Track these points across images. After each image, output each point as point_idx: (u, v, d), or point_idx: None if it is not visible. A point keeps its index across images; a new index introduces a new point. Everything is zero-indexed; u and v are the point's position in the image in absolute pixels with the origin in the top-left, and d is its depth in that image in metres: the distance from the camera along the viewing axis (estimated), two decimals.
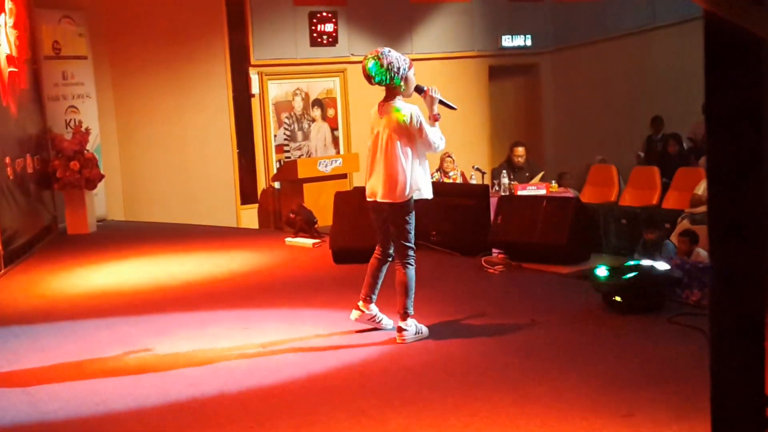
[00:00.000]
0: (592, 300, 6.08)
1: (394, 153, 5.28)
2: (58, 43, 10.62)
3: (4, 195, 8.40)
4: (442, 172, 11.29)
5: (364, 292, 5.57)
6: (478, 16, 14.77)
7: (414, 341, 5.39)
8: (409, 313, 5.42)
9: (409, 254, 5.39)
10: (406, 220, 5.34)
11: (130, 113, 11.66)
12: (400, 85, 5.33)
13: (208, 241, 9.64)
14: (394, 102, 5.35)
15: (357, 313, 5.60)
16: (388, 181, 5.30)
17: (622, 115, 14.15)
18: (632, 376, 4.58)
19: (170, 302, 6.86)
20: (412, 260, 5.40)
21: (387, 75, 5.26)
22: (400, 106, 5.33)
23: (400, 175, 5.28)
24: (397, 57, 5.30)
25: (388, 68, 5.24)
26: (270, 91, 12.90)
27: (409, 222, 5.36)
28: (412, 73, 5.39)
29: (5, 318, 6.60)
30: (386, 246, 5.52)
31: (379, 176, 5.35)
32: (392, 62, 5.25)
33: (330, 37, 13.25)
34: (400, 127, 5.29)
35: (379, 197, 5.35)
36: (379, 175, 5.36)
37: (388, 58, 5.24)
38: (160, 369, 5.11)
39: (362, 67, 5.33)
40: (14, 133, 8.97)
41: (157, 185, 11.75)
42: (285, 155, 13.05)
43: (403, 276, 5.38)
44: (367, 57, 5.31)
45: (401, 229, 5.35)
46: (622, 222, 11.54)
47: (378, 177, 5.36)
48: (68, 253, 9.23)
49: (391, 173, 5.29)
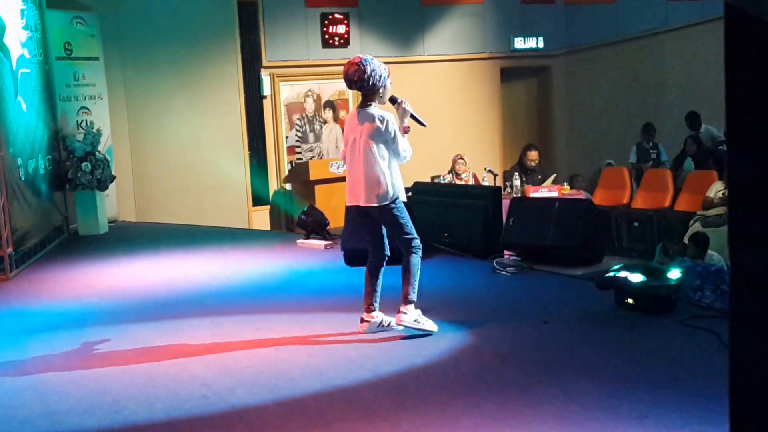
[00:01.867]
0: (604, 302, 6.06)
1: (373, 158, 5.42)
2: (69, 44, 10.64)
3: (16, 196, 8.41)
4: (454, 174, 11.27)
5: (366, 303, 5.61)
6: (490, 17, 14.74)
7: (412, 327, 5.50)
8: (411, 299, 5.52)
9: (413, 244, 5.52)
10: (397, 216, 5.48)
11: (142, 114, 11.68)
12: (378, 92, 5.48)
13: (220, 242, 9.64)
14: (370, 109, 5.50)
15: (363, 325, 5.62)
16: (372, 186, 5.42)
17: (635, 118, 14.09)
18: (645, 378, 4.55)
19: (182, 303, 6.85)
20: (417, 249, 5.53)
21: (368, 82, 5.41)
22: (376, 112, 5.47)
23: (382, 178, 5.42)
24: (379, 65, 5.46)
25: (371, 75, 5.39)
26: (282, 93, 12.90)
27: (402, 217, 5.50)
28: (389, 82, 5.54)
29: (17, 318, 6.60)
30: (379, 246, 5.62)
31: (360, 181, 5.47)
32: (375, 69, 5.42)
33: (342, 39, 13.25)
34: (377, 132, 5.42)
35: (363, 202, 5.47)
36: (359, 180, 5.47)
37: (371, 65, 5.41)
38: (172, 370, 5.09)
39: (344, 72, 5.48)
40: (26, 135, 8.99)
41: (168, 186, 11.76)
42: (297, 156, 13.05)
43: (407, 263, 5.51)
44: (349, 63, 5.47)
45: (397, 225, 5.50)
46: (635, 224, 11.49)
47: (358, 182, 5.48)
48: (80, 253, 9.24)
49: (373, 177, 5.42)
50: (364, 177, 5.43)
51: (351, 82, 5.47)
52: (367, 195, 5.43)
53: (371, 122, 5.44)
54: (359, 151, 5.46)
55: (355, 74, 5.40)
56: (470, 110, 14.51)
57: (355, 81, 5.43)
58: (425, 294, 6.14)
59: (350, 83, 5.49)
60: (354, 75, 5.41)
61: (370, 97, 5.51)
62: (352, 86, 5.50)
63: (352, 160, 5.52)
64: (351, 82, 5.46)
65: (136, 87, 11.61)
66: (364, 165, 5.43)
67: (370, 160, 5.42)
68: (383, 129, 5.41)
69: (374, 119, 5.44)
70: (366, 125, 5.46)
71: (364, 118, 5.48)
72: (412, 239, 5.52)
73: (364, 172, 5.43)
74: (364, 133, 5.45)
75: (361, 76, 5.40)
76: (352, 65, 5.43)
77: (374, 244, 5.64)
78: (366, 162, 5.43)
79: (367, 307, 5.61)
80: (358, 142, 5.48)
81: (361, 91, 5.51)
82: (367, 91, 5.48)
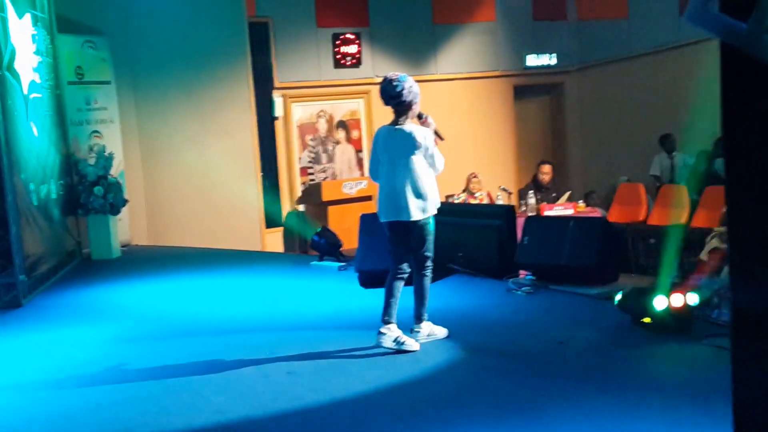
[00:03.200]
0: (620, 321, 6.00)
1: (417, 172, 5.61)
2: (81, 69, 10.65)
3: (28, 222, 8.39)
4: (468, 193, 11.21)
5: (385, 315, 5.69)
6: (502, 35, 14.70)
7: (426, 341, 5.73)
8: (424, 318, 5.78)
9: (427, 265, 5.73)
10: (428, 232, 5.70)
11: (154, 137, 11.66)
12: (412, 108, 5.67)
13: (233, 265, 9.58)
14: (406, 126, 5.67)
15: (380, 337, 5.67)
16: (416, 200, 5.60)
17: (649, 133, 13.96)
18: (662, 398, 4.52)
19: (195, 328, 6.80)
20: (429, 270, 5.75)
21: (406, 98, 5.59)
22: (413, 128, 5.66)
23: (425, 192, 5.61)
24: (414, 83, 5.66)
25: (409, 91, 5.60)
26: (294, 114, 12.88)
27: (430, 233, 5.72)
28: (419, 99, 5.73)
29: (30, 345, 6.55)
30: (402, 261, 5.73)
31: (402, 196, 5.60)
32: (412, 86, 5.62)
33: (353, 59, 13.23)
34: (419, 147, 5.61)
35: (404, 216, 5.62)
36: (399, 195, 5.61)
37: (409, 82, 5.62)
38: (186, 396, 5.04)
39: (382, 87, 5.65)
40: (38, 160, 8.98)
41: (181, 209, 11.72)
42: (309, 177, 13.01)
43: (420, 284, 5.74)
44: (389, 79, 5.64)
45: (424, 240, 5.69)
46: (651, 241, 11.36)
47: (398, 197, 5.62)
48: (93, 278, 9.20)
49: (417, 192, 5.60)
50: (408, 192, 5.59)
51: (389, 98, 5.63)
52: (411, 209, 5.60)
53: (411, 138, 5.61)
54: (401, 167, 5.62)
55: (395, 90, 5.58)
56: (484, 128, 14.45)
57: (393, 97, 5.60)
58: (440, 314, 6.13)
59: (388, 99, 5.64)
60: (393, 91, 5.58)
61: (403, 114, 5.67)
62: (390, 102, 5.64)
63: (392, 176, 5.66)
64: (390, 97, 5.62)
65: (147, 110, 11.61)
66: (406, 180, 5.59)
67: (414, 175, 5.60)
68: (423, 144, 5.60)
69: (414, 135, 5.61)
70: (406, 141, 5.63)
71: (401, 135, 5.65)
72: (429, 258, 5.72)
73: (407, 187, 5.59)
74: (406, 149, 5.62)
75: (401, 93, 5.57)
76: (392, 81, 5.60)
77: (399, 259, 5.74)
78: (411, 177, 5.59)
79: (386, 319, 5.69)
80: (398, 159, 5.64)
81: (397, 108, 5.66)
82: (403, 108, 5.64)
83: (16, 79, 8.42)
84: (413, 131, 5.63)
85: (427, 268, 5.73)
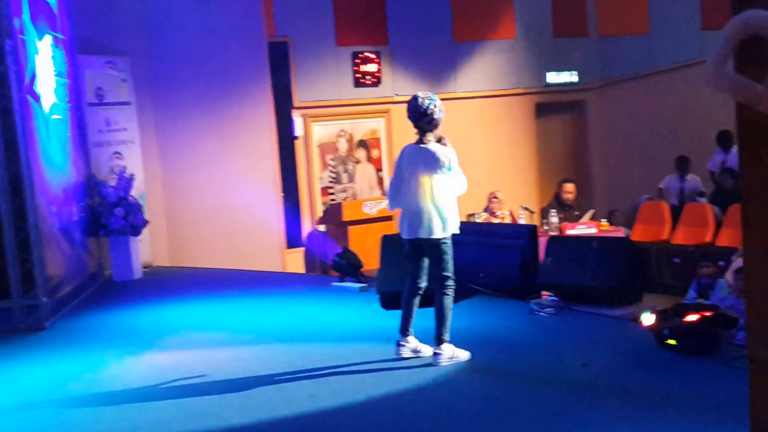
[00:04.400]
0: (644, 342, 5.94)
1: (439, 191, 5.70)
2: (101, 90, 10.69)
3: (50, 244, 8.39)
4: (489, 213, 11.14)
5: (402, 327, 5.88)
6: (523, 52, 14.65)
7: (448, 364, 5.72)
8: (445, 339, 5.76)
9: (447, 284, 5.77)
10: (446, 252, 5.74)
11: (174, 158, 11.66)
12: (437, 128, 5.79)
13: (254, 286, 9.55)
14: (430, 145, 5.76)
15: (399, 348, 5.90)
16: (435, 220, 5.67)
17: (672, 150, 13.86)
18: (686, 421, 4.48)
19: (216, 350, 6.77)
20: (450, 290, 5.78)
21: (434, 117, 5.71)
22: (437, 148, 5.74)
23: (445, 212, 5.68)
24: (440, 104, 5.77)
25: (440, 109, 5.73)
26: (314, 133, 12.87)
27: (448, 254, 5.76)
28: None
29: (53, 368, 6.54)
30: (419, 278, 5.87)
31: (422, 215, 5.70)
32: (439, 107, 5.74)
33: (373, 77, 13.22)
34: (442, 167, 5.69)
35: (423, 234, 5.70)
36: (420, 214, 5.70)
37: (438, 102, 5.75)
38: (207, 421, 5.02)
39: (413, 105, 5.73)
40: (59, 181, 9.00)
41: (201, 230, 11.70)
42: (330, 197, 12.98)
43: (441, 304, 5.75)
44: (421, 97, 5.75)
45: (442, 260, 5.74)
46: (675, 261, 11.23)
47: (419, 216, 5.71)
48: (115, 300, 9.19)
49: (437, 212, 5.68)
50: (431, 210, 5.68)
51: (421, 115, 5.72)
52: (432, 227, 5.68)
53: (435, 158, 5.69)
54: (420, 185, 5.71)
55: (428, 108, 5.69)
56: (505, 147, 14.38)
57: (425, 114, 5.70)
58: (462, 336, 6.11)
59: (420, 116, 5.73)
60: (426, 108, 5.69)
61: (427, 133, 5.76)
62: (421, 120, 5.73)
63: (414, 194, 5.75)
64: (422, 115, 5.72)
65: (167, 130, 11.61)
66: (430, 199, 5.68)
67: (435, 194, 5.69)
68: (447, 163, 5.68)
69: (438, 154, 5.69)
70: (430, 160, 5.71)
71: (426, 154, 5.73)
72: (448, 278, 5.75)
73: (430, 206, 5.68)
74: (429, 168, 5.70)
75: (432, 111, 5.69)
76: (424, 99, 5.72)
77: (416, 274, 5.87)
78: (432, 196, 5.69)
79: (403, 330, 5.89)
80: (421, 177, 5.72)
81: (426, 126, 5.76)
82: (431, 127, 5.75)
83: (37, 101, 8.45)
84: (437, 150, 5.70)
85: (448, 287, 5.77)
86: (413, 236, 5.77)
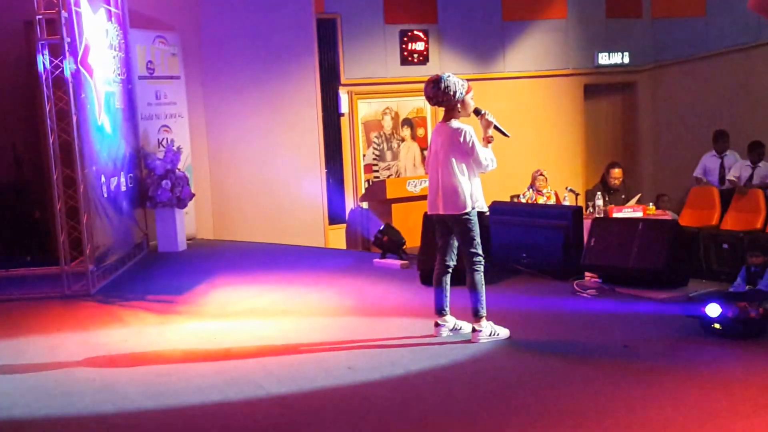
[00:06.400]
0: (689, 326, 5.85)
1: (451, 169, 5.80)
2: (152, 63, 10.79)
3: (98, 213, 8.52)
4: (534, 190, 11.05)
5: (437, 307, 5.98)
6: (573, 33, 14.49)
7: (488, 341, 5.79)
8: (481, 314, 5.84)
9: (475, 260, 5.83)
10: (470, 229, 5.81)
11: (221, 132, 11.75)
12: (456, 106, 5.85)
13: (296, 261, 9.60)
14: (450, 122, 5.88)
15: (437, 329, 5.99)
16: (449, 196, 5.80)
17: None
18: (729, 406, 4.42)
19: (258, 323, 6.82)
20: (479, 266, 5.84)
21: (443, 97, 5.80)
22: (455, 125, 5.85)
23: (459, 188, 5.78)
24: (455, 81, 5.82)
25: (444, 91, 5.77)
26: (360, 111, 12.87)
27: (473, 230, 5.82)
28: (470, 96, 5.92)
29: (97, 335, 6.65)
30: (446, 254, 5.97)
31: (439, 191, 5.86)
32: (449, 86, 5.78)
33: (421, 56, 13.17)
34: (455, 144, 5.79)
35: (441, 210, 5.86)
36: (438, 190, 5.86)
37: (446, 82, 5.79)
38: (247, 388, 5.10)
39: (424, 90, 5.91)
40: (109, 152, 9.11)
41: (246, 204, 11.79)
42: (374, 175, 12.98)
43: (472, 281, 5.84)
44: (428, 81, 5.87)
45: (466, 238, 5.82)
46: (724, 247, 11.05)
47: (438, 192, 5.87)
48: (159, 270, 9.31)
49: (451, 188, 5.79)
50: (444, 187, 5.81)
51: (430, 99, 5.90)
52: (445, 204, 5.81)
53: (450, 135, 5.83)
54: (440, 162, 5.84)
55: (432, 91, 5.83)
56: (552, 128, 14.26)
57: (432, 97, 5.87)
58: (503, 315, 6.13)
59: (430, 100, 5.92)
60: (431, 92, 5.84)
61: (450, 111, 5.90)
62: (432, 102, 5.93)
63: (434, 171, 5.91)
64: (430, 98, 5.90)
65: (215, 105, 11.70)
66: (443, 176, 5.82)
67: (448, 171, 5.80)
68: (461, 140, 5.78)
69: (452, 132, 5.83)
70: (446, 138, 5.86)
71: (444, 132, 5.89)
72: (475, 254, 5.83)
73: (443, 183, 5.82)
74: (445, 146, 5.85)
75: (437, 93, 5.79)
76: (429, 83, 5.85)
77: (443, 252, 5.98)
78: (445, 173, 5.81)
79: (439, 310, 5.99)
80: (439, 154, 5.86)
81: (441, 107, 5.92)
82: (446, 106, 5.88)
83: (89, 73, 8.55)
84: (456, 129, 5.82)
85: (476, 264, 5.83)
86: (435, 211, 5.92)
